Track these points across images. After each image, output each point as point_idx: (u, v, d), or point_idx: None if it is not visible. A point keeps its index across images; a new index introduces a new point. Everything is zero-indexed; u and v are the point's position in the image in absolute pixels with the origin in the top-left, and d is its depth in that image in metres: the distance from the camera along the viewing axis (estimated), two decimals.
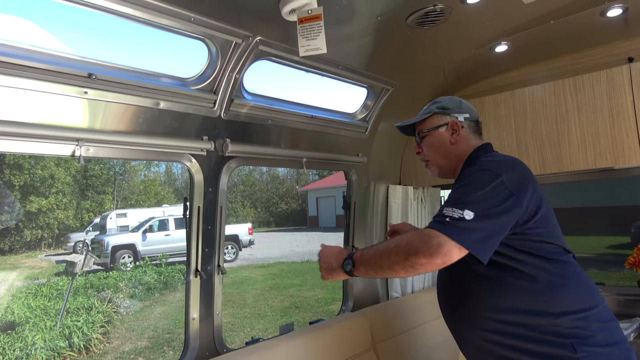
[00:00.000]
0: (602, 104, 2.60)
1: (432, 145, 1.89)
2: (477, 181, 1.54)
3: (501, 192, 1.49)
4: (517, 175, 1.56)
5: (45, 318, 8.38)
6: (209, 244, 2.19)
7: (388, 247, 1.53)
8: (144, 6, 1.62)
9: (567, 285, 1.55)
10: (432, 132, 1.88)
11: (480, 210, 1.43)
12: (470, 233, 1.40)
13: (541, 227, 1.57)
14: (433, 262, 1.40)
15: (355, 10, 1.98)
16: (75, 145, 1.67)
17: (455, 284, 1.72)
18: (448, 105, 1.89)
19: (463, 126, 1.85)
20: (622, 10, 2.33)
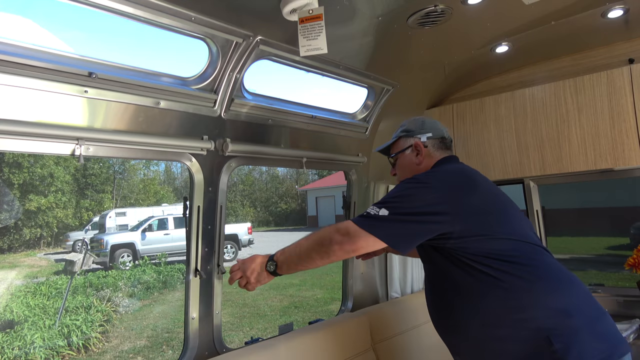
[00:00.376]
0: (603, 105, 2.60)
1: (401, 167, 2.06)
2: (403, 188, 1.71)
3: (423, 199, 1.64)
4: (451, 186, 1.68)
5: (44, 317, 8.37)
6: (208, 243, 2.19)
7: (307, 239, 1.73)
8: (144, 5, 1.61)
9: (538, 282, 1.57)
10: (400, 155, 2.06)
11: (395, 210, 1.61)
12: (382, 227, 1.59)
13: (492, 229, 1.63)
14: (344, 248, 1.61)
15: (356, 10, 1.98)
16: (76, 144, 1.67)
17: (439, 297, 1.80)
18: (411, 127, 2.05)
19: (426, 145, 1.99)
20: (623, 12, 2.33)
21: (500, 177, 3.02)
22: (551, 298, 1.55)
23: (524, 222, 1.78)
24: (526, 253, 1.63)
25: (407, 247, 1.64)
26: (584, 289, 1.64)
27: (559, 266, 1.67)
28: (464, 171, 1.82)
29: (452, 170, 1.82)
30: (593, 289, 3.08)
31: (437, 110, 3.30)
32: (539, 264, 1.63)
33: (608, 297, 3.00)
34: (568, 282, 1.62)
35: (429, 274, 1.85)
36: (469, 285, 1.63)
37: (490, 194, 1.75)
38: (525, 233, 1.70)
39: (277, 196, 41.37)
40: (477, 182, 1.75)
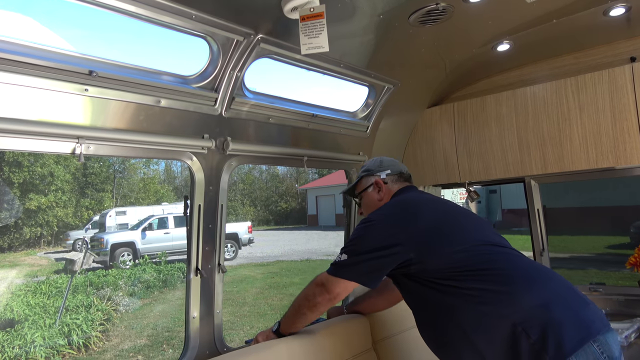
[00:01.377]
0: (604, 103, 2.59)
1: (366, 205, 2.19)
2: (356, 231, 1.88)
3: (373, 237, 1.80)
4: (394, 219, 1.83)
5: (44, 316, 8.38)
6: (209, 242, 2.18)
7: (297, 300, 2.01)
8: (145, 3, 1.61)
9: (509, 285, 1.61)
10: (364, 194, 2.19)
11: (353, 253, 1.80)
12: (347, 270, 1.80)
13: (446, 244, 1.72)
14: (325, 297, 1.87)
15: (357, 8, 1.97)
16: (76, 142, 1.66)
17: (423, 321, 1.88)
18: (370, 167, 2.20)
19: (386, 182, 2.13)
20: (625, 10, 2.32)
21: (502, 176, 3.02)
22: (527, 297, 1.57)
23: (482, 228, 1.85)
24: (489, 259, 1.69)
25: (375, 281, 1.81)
26: (563, 282, 1.66)
27: (531, 264, 1.72)
28: (405, 201, 1.98)
29: (394, 204, 1.98)
30: (594, 288, 3.07)
31: (438, 108, 3.30)
32: (505, 267, 1.67)
33: (609, 297, 3.00)
34: (544, 278, 1.65)
35: (409, 302, 1.93)
36: (443, 303, 1.71)
37: (434, 213, 1.86)
38: (484, 239, 1.77)
39: (277, 195, 41.38)
40: (418, 207, 1.89)
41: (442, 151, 3.24)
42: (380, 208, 1.97)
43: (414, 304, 1.90)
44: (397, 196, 2.07)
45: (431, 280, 1.72)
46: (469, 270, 1.66)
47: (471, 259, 1.68)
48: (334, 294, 1.85)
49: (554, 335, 1.46)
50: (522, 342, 1.49)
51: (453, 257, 1.69)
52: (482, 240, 1.76)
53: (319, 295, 1.88)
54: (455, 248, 1.71)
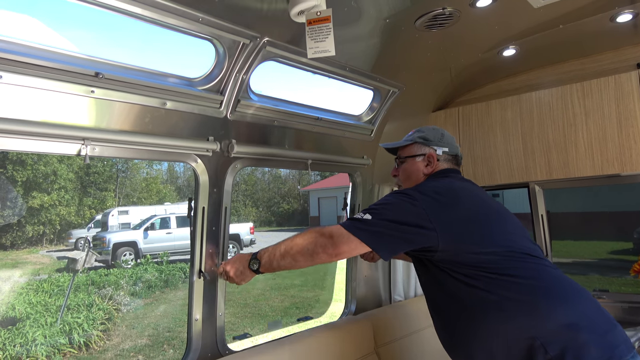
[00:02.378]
0: (610, 109, 2.58)
1: (406, 171, 2.04)
2: (388, 198, 1.77)
3: (406, 211, 1.67)
4: (434, 202, 1.69)
5: (45, 314, 8.39)
6: (213, 244, 2.18)
7: (291, 240, 1.79)
8: (152, 5, 1.61)
9: (539, 300, 1.55)
10: (409, 160, 2.03)
11: (379, 216, 1.67)
12: (366, 230, 1.65)
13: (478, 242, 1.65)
14: (328, 251, 1.68)
15: (364, 12, 1.97)
16: (82, 144, 1.66)
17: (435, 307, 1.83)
18: (429, 136, 2.02)
19: (439, 159, 1.98)
20: (632, 16, 2.32)
21: (506, 181, 3.01)
22: (554, 314, 1.52)
23: (518, 234, 1.77)
24: (518, 267, 1.62)
25: (389, 252, 1.70)
26: (592, 302, 1.60)
27: (561, 279, 1.64)
28: (449, 187, 1.83)
29: (438, 186, 1.81)
30: (598, 295, 3.06)
31: (443, 113, 3.29)
32: (534, 277, 1.61)
33: (613, 303, 2.98)
34: (573, 297, 1.58)
35: (424, 285, 1.88)
36: (460, 298, 1.66)
37: (474, 207, 1.77)
38: (518, 245, 1.69)
39: (280, 196, 41.36)
40: (460, 196, 1.78)
41: None
42: (421, 186, 1.82)
43: (428, 288, 1.84)
44: (441, 176, 1.94)
45: (455, 270, 1.65)
46: (494, 274, 1.60)
47: (499, 262, 1.62)
48: (339, 250, 1.68)
49: (574, 355, 1.43)
50: (539, 357, 1.46)
51: (481, 257, 1.63)
52: (515, 246, 1.68)
53: (322, 247, 1.70)
54: (486, 249, 1.64)
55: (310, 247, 1.73)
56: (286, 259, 1.80)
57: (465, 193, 1.82)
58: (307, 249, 1.73)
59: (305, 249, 1.74)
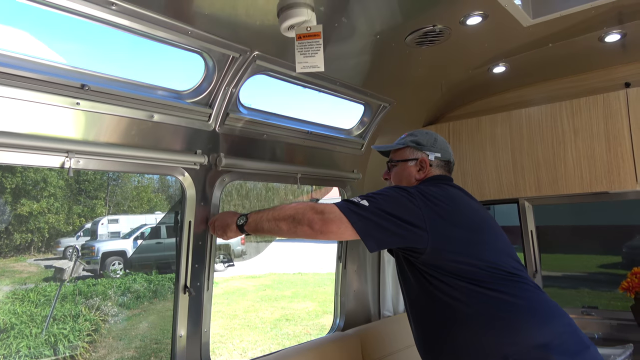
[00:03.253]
0: (599, 128, 2.60)
1: (398, 175, 2.01)
2: (388, 190, 1.73)
3: (404, 206, 1.63)
4: (433, 206, 1.67)
5: (31, 325, 8.23)
6: (199, 259, 2.15)
7: (281, 208, 1.76)
8: (141, 18, 1.59)
9: (514, 317, 1.55)
10: (401, 164, 2.00)
11: (376, 204, 1.62)
12: (360, 215, 1.60)
13: (473, 249, 1.64)
14: (316, 227, 1.62)
15: (355, 29, 1.97)
16: (65, 157, 1.64)
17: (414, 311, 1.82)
18: (422, 141, 1.99)
19: (431, 164, 1.96)
20: (620, 36, 2.34)
21: (496, 197, 3.01)
22: (528, 333, 1.51)
23: (506, 251, 1.76)
24: (500, 284, 1.61)
25: (377, 244, 1.65)
26: (568, 323, 1.60)
27: (543, 299, 1.64)
28: (448, 194, 1.80)
29: (437, 191, 1.79)
30: (587, 312, 3.05)
31: (434, 128, 3.30)
32: (517, 297, 1.60)
33: (602, 320, 2.98)
34: (549, 317, 1.58)
35: (403, 285, 1.87)
36: (437, 305, 1.66)
37: (471, 219, 1.76)
38: (503, 263, 1.68)
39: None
40: (457, 206, 1.76)
41: None
42: (421, 187, 1.78)
43: (409, 292, 1.81)
44: (437, 182, 1.90)
45: (436, 277, 1.64)
46: (475, 287, 1.59)
47: (482, 276, 1.61)
48: (326, 228, 1.61)
49: None
50: None
51: (465, 267, 1.62)
52: (500, 263, 1.66)
53: (309, 220, 1.64)
54: (472, 261, 1.63)
55: (298, 216, 1.68)
56: (271, 222, 1.77)
57: (462, 202, 1.81)
58: (294, 218, 1.69)
59: (291, 217, 1.70)
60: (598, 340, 2.91)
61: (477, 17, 1.98)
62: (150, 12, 1.58)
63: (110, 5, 1.50)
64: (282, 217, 1.74)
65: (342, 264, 2.99)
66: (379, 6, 1.82)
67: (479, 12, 1.94)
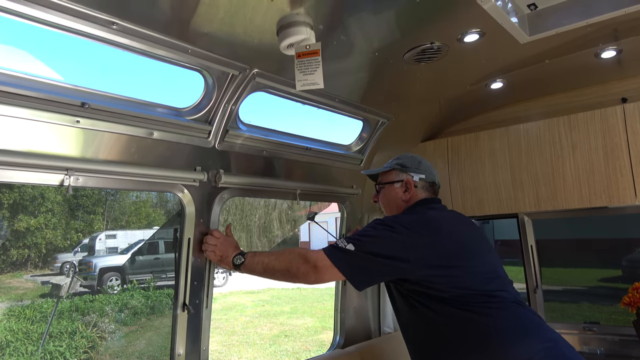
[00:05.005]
0: (597, 143, 2.61)
1: (385, 197, 2.12)
2: (371, 228, 1.81)
3: (386, 242, 1.73)
4: (415, 236, 1.76)
5: (27, 342, 8.14)
6: (198, 276, 2.13)
7: (277, 257, 1.85)
8: (141, 37, 1.60)
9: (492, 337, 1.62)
10: (387, 186, 2.11)
11: (360, 248, 1.72)
12: (346, 261, 1.72)
13: (448, 277, 1.72)
14: (308, 278, 1.75)
15: (353, 46, 1.98)
16: (65, 174, 1.63)
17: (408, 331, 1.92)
18: (407, 163, 2.10)
19: (416, 185, 2.06)
20: (616, 53, 2.37)
21: (495, 212, 3.01)
22: (511, 351, 1.57)
23: (491, 269, 1.83)
24: (481, 306, 1.67)
25: (364, 284, 1.78)
26: (549, 337, 1.64)
27: (522, 315, 1.71)
28: (430, 220, 1.89)
29: (420, 220, 1.88)
30: (588, 327, 3.03)
31: (432, 143, 3.31)
32: (495, 317, 1.66)
33: (603, 336, 2.96)
34: (529, 333, 1.64)
35: (394, 308, 1.96)
36: (421, 328, 1.78)
37: (454, 243, 1.82)
38: (488, 284, 1.75)
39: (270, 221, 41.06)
40: (441, 232, 1.83)
41: None
42: (402, 217, 1.89)
43: (401, 314, 1.91)
44: (422, 206, 1.99)
45: (419, 301, 1.73)
46: (457, 309, 1.67)
47: (462, 301, 1.68)
48: (320, 278, 1.75)
49: None
50: None
51: (445, 294, 1.70)
52: (482, 286, 1.73)
53: (304, 274, 1.77)
54: (454, 286, 1.71)
55: (293, 271, 1.79)
56: (267, 273, 1.87)
57: (447, 227, 1.88)
58: (289, 272, 1.81)
59: (286, 272, 1.81)
60: (600, 356, 2.89)
61: (475, 35, 2.00)
62: (150, 31, 1.59)
63: (111, 25, 1.51)
64: (277, 271, 1.85)
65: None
66: (377, 24, 1.84)
67: (476, 30, 1.96)
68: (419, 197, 2.05)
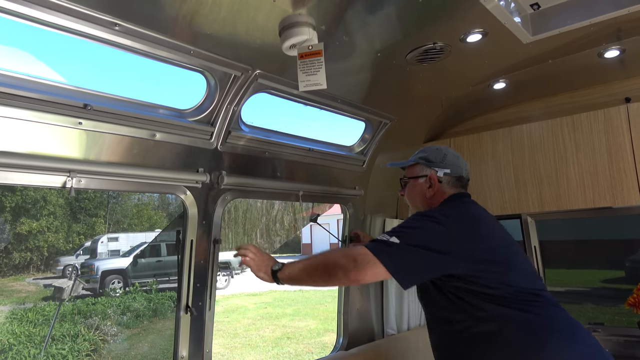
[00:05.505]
0: (600, 143, 2.60)
1: (411, 192, 2.03)
2: (414, 220, 1.72)
3: (432, 235, 1.62)
4: (461, 230, 1.67)
5: (29, 345, 8.13)
6: (200, 278, 2.12)
7: (315, 258, 1.74)
8: (143, 38, 1.60)
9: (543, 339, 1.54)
10: (412, 181, 2.02)
11: (406, 240, 1.60)
12: (392, 255, 1.57)
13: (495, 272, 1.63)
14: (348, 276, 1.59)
15: (356, 47, 1.98)
16: (67, 176, 1.63)
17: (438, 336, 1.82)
18: (431, 157, 1.99)
19: (441, 181, 1.94)
20: (619, 52, 2.36)
21: (498, 213, 2.99)
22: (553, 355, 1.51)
23: (529, 270, 1.75)
24: (529, 305, 1.60)
25: (411, 280, 1.64)
26: (590, 343, 1.59)
27: (566, 317, 1.64)
28: (472, 213, 1.81)
29: (462, 212, 1.79)
30: (593, 328, 3.01)
31: (434, 144, 3.29)
32: (542, 316, 1.59)
33: (608, 337, 2.94)
34: (574, 336, 1.58)
35: (429, 311, 1.85)
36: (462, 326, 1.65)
37: (497, 240, 1.75)
38: (531, 283, 1.68)
39: (271, 223, 41.04)
40: (484, 225, 1.77)
41: None
42: (445, 209, 1.79)
43: (435, 314, 1.81)
44: (455, 202, 1.88)
45: (462, 298, 1.63)
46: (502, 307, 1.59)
47: (509, 298, 1.60)
48: (361, 275, 1.59)
49: None
50: None
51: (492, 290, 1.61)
52: (527, 284, 1.66)
53: (343, 270, 1.60)
54: (501, 283, 1.62)
55: (330, 268, 1.65)
56: (304, 272, 1.74)
57: (488, 221, 1.81)
58: (327, 270, 1.66)
59: (324, 269, 1.68)
60: None
61: (477, 35, 1.99)
62: (152, 32, 1.58)
63: (113, 26, 1.51)
64: (316, 269, 1.72)
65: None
66: (379, 24, 1.83)
67: (479, 30, 1.96)
68: (445, 192, 1.93)
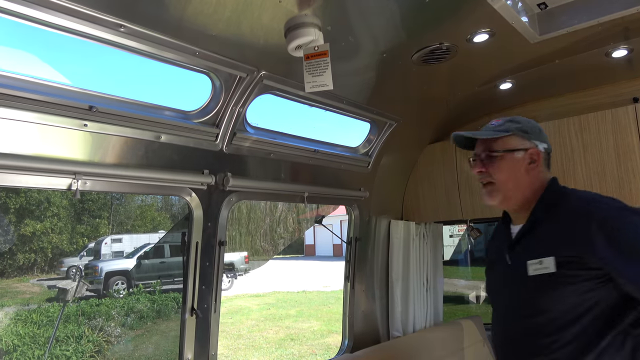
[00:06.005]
0: (608, 144, 2.57)
1: (503, 169, 1.62)
2: None
3: None
4: None
5: (33, 346, 8.15)
6: (206, 280, 2.11)
7: None
8: (148, 40, 1.59)
9: None
10: (506, 155, 1.62)
11: None
12: None
13: None
14: None
15: (361, 47, 1.97)
16: (72, 178, 1.62)
17: None
18: (528, 128, 1.66)
19: (543, 158, 1.65)
20: (627, 52, 2.34)
21: None
22: None
23: None
24: None
25: None
26: None
27: None
28: None
29: None
30: None
31: (440, 145, 3.28)
32: None
33: None
34: None
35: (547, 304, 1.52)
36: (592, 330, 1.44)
37: None
38: None
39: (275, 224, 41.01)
40: None
41: (444, 188, 3.20)
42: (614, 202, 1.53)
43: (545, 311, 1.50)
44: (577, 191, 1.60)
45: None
46: None
47: None
48: None
49: None
50: None
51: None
52: None
53: None
54: None
55: None
56: None
57: None
58: None
59: None
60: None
61: (484, 35, 1.97)
62: (157, 33, 1.58)
63: (119, 28, 1.50)
64: None
65: (349, 284, 2.95)
66: (385, 25, 1.82)
67: (486, 30, 1.94)
68: (541, 173, 1.63)
